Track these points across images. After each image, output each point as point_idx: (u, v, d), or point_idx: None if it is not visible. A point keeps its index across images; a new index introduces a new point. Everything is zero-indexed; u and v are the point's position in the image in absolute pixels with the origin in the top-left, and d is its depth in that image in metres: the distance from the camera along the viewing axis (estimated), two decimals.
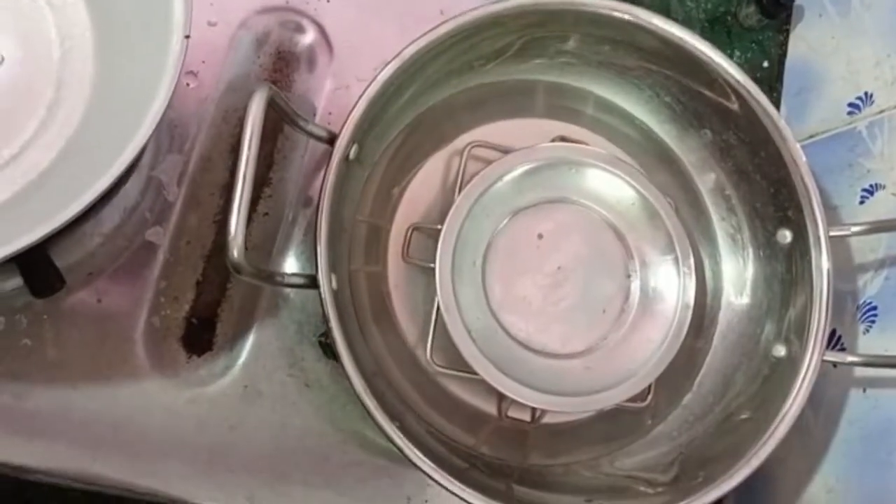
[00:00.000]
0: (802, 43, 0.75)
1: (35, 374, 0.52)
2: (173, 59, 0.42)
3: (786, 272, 0.58)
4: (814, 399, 0.54)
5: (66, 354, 0.53)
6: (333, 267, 0.49)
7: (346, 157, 0.49)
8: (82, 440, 0.52)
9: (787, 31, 0.76)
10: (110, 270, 0.54)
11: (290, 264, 0.58)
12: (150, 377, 0.54)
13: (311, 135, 0.47)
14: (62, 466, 0.52)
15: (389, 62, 0.49)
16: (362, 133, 0.50)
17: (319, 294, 0.46)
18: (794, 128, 0.70)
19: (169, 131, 0.57)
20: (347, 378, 0.46)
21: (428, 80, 0.55)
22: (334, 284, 0.48)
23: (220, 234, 0.57)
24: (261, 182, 0.58)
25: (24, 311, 0.53)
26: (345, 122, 0.48)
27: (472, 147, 0.58)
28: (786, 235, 0.58)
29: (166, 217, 0.56)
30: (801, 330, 0.55)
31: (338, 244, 0.51)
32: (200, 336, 0.56)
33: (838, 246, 0.60)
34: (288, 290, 0.57)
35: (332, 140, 0.48)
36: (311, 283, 0.46)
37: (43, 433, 0.52)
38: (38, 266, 0.51)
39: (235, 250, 0.41)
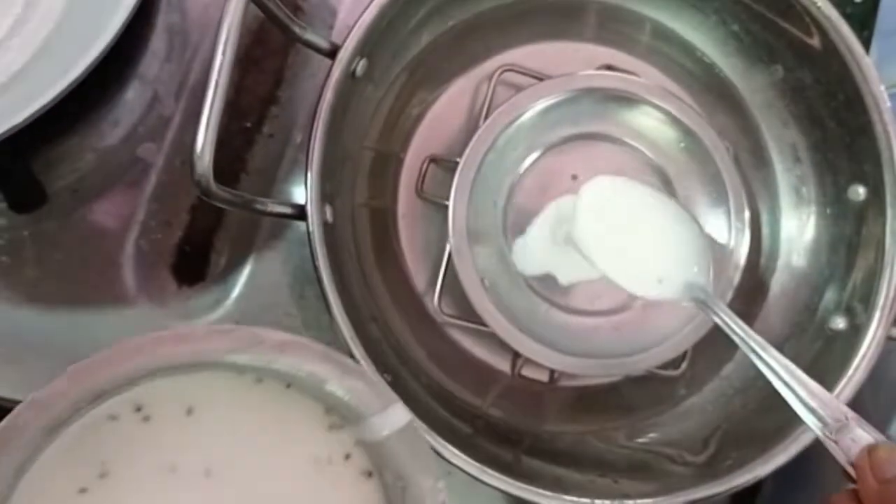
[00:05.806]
0: None
1: (13, 296, 0.49)
2: None
3: (854, 234, 0.51)
4: (874, 378, 0.48)
5: (46, 275, 0.49)
6: (331, 198, 0.44)
7: (351, 73, 0.43)
8: (61, 367, 0.48)
9: None
10: (97, 189, 0.50)
11: (298, 193, 0.52)
12: (136, 305, 0.50)
13: (307, 44, 0.41)
14: None
15: None
16: (372, 46, 0.43)
17: (307, 227, 0.41)
18: (882, 73, 0.62)
19: (168, 38, 0.52)
20: (333, 321, 0.41)
21: None
22: (329, 217, 0.43)
23: (221, 154, 0.51)
24: (267, 100, 0.53)
25: (5, 229, 0.49)
26: (349, 31, 0.42)
27: (503, 71, 0.51)
28: (859, 192, 0.50)
29: (161, 133, 0.51)
30: (865, 300, 0.48)
31: (340, 173, 0.46)
32: (192, 265, 0.51)
33: None
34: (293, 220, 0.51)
35: (334, 52, 0.42)
36: (300, 214, 0.41)
37: (19, 359, 0.48)
38: (18, 180, 0.48)
39: (201, 169, 0.35)
